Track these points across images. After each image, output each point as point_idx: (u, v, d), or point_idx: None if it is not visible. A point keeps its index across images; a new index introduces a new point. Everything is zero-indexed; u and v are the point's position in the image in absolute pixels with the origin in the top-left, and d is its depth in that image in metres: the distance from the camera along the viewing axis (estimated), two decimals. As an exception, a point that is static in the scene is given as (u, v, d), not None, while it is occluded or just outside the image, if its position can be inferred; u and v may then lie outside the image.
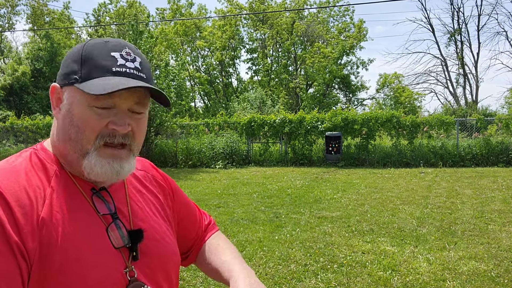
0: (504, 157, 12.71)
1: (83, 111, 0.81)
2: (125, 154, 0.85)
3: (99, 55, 0.83)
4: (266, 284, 3.58)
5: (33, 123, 16.48)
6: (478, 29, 30.31)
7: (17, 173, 0.80)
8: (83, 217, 0.82)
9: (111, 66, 0.82)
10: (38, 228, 0.75)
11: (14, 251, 0.71)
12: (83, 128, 0.81)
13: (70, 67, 0.84)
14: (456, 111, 24.81)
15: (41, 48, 26.84)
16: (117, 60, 0.83)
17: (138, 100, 0.85)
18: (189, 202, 1.14)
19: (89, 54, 0.83)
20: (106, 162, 0.83)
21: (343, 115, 13.86)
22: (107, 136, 0.82)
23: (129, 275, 0.83)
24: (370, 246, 4.62)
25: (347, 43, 31.01)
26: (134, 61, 0.85)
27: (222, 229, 5.35)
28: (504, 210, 6.31)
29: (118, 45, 0.85)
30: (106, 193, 0.88)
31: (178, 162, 14.16)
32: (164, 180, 1.07)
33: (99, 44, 0.85)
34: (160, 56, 16.85)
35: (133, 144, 0.86)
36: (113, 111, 0.82)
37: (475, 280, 3.61)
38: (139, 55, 0.87)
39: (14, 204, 0.75)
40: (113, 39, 0.88)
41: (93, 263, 0.78)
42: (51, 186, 0.82)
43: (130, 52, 0.85)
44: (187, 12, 35.38)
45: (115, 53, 0.84)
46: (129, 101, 0.83)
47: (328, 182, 9.76)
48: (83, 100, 0.81)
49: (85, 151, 0.82)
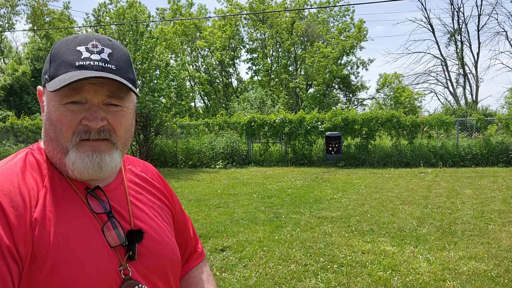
0: (504, 157, 12.71)
1: (57, 110, 0.81)
2: (105, 146, 0.84)
3: (66, 51, 0.82)
4: (266, 284, 3.58)
5: (33, 123, 16.49)
6: (478, 29, 30.32)
7: (12, 174, 0.80)
8: (77, 217, 0.81)
9: (75, 61, 0.81)
10: (31, 229, 0.75)
11: (5, 254, 0.71)
12: (59, 127, 0.81)
13: (44, 68, 0.85)
14: (456, 111, 24.80)
15: (41, 48, 26.83)
16: (81, 54, 0.81)
17: (110, 93, 0.83)
18: (185, 218, 1.13)
19: (57, 52, 0.83)
20: (85, 155, 0.82)
21: (343, 115, 13.86)
22: (82, 132, 0.81)
23: (123, 274, 0.82)
24: (370, 246, 4.62)
25: (347, 43, 31.00)
26: (101, 52, 0.83)
27: (222, 229, 5.36)
28: (504, 210, 6.31)
29: (85, 38, 0.84)
30: (101, 193, 0.87)
31: (178, 162, 14.17)
32: (165, 186, 1.07)
33: (67, 40, 0.84)
34: (160, 56, 16.85)
35: (114, 138, 0.85)
36: (86, 106, 0.81)
37: (475, 280, 3.61)
38: (110, 46, 0.85)
39: (7, 206, 0.74)
40: (85, 34, 0.87)
41: (86, 262, 0.77)
42: (44, 186, 0.81)
43: (97, 44, 0.83)
44: (186, 12, 35.38)
45: (80, 47, 0.82)
46: (99, 94, 0.82)
47: (328, 182, 9.76)
48: (55, 98, 0.81)
49: (66, 149, 0.82)
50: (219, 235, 5.12)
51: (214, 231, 5.29)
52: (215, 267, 3.99)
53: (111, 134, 0.84)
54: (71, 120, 0.81)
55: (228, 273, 3.85)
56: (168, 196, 1.05)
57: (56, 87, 0.77)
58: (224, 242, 4.80)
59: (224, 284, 3.61)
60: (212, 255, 4.35)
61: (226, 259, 4.22)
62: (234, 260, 4.20)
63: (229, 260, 4.21)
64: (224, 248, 4.59)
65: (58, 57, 0.82)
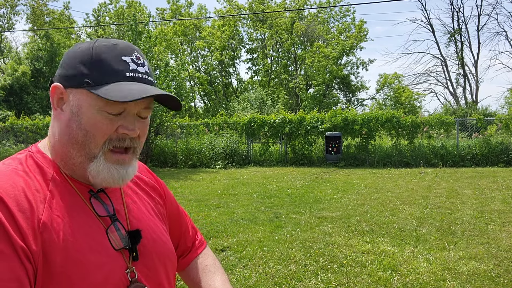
0: (504, 157, 12.71)
1: (93, 115, 0.80)
2: (130, 158, 0.86)
3: (110, 58, 0.81)
4: (266, 284, 3.58)
5: (33, 123, 16.48)
6: (478, 29, 30.33)
7: (14, 177, 0.79)
8: (83, 220, 0.81)
9: (124, 71, 0.81)
10: (39, 232, 0.75)
11: (20, 255, 0.71)
12: (93, 132, 0.80)
13: (78, 69, 0.81)
14: (456, 111, 24.81)
15: (41, 48, 26.81)
16: (129, 65, 0.82)
17: (147, 105, 0.85)
18: (179, 210, 1.14)
19: (98, 57, 0.81)
20: (114, 167, 0.83)
21: (343, 115, 13.86)
22: (117, 140, 0.82)
23: (130, 276, 0.83)
24: (370, 246, 4.62)
25: (347, 43, 31.01)
26: (143, 65, 0.84)
27: (222, 229, 5.36)
28: (504, 210, 6.31)
29: (127, 48, 0.84)
30: (104, 195, 0.88)
31: (178, 162, 14.16)
32: (157, 182, 1.07)
33: (108, 47, 0.82)
34: (159, 56, 16.84)
35: (138, 147, 0.87)
36: (122, 115, 0.82)
37: (475, 280, 3.61)
38: (146, 59, 0.87)
39: (14, 209, 0.74)
40: (121, 41, 0.86)
41: (94, 265, 0.78)
42: (49, 190, 0.81)
43: (139, 56, 0.85)
44: (186, 12, 35.38)
45: (125, 57, 0.82)
46: (138, 106, 0.83)
47: (328, 182, 9.76)
48: (94, 104, 0.80)
49: (92, 155, 0.82)
50: (219, 235, 5.12)
51: (214, 231, 5.29)
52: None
53: (138, 144, 0.86)
54: (109, 128, 0.81)
55: (228, 273, 3.85)
56: (161, 192, 1.06)
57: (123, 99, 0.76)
58: (224, 242, 4.80)
59: None
60: (212, 255, 4.35)
61: (226, 259, 4.22)
62: (234, 260, 4.20)
63: (229, 260, 4.21)
64: (224, 248, 4.59)
65: (104, 64, 0.80)
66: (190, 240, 1.15)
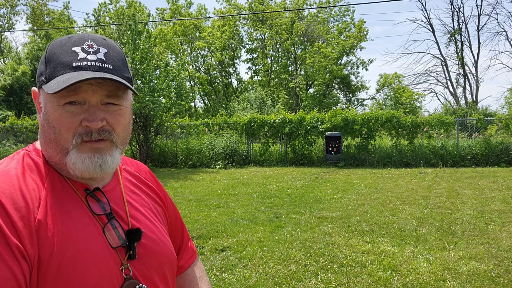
0: (504, 157, 12.71)
1: (56, 111, 0.81)
2: (106, 146, 0.84)
3: (61, 52, 0.82)
4: (266, 284, 3.58)
5: (33, 123, 16.48)
6: (478, 29, 30.32)
7: (11, 176, 0.80)
8: (79, 218, 0.81)
9: (72, 62, 0.80)
10: (35, 230, 0.75)
11: (15, 253, 0.71)
12: (59, 128, 0.81)
13: (39, 69, 0.84)
14: (456, 111, 24.81)
15: (41, 48, 26.83)
16: (77, 55, 0.81)
17: (108, 92, 0.82)
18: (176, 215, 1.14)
19: (52, 53, 0.82)
20: (87, 156, 0.82)
21: (343, 115, 13.86)
22: (84, 134, 0.81)
23: (124, 273, 0.83)
24: (370, 246, 4.62)
25: (347, 43, 31.00)
26: (96, 52, 0.82)
27: (222, 229, 5.36)
28: (504, 210, 6.31)
29: (80, 38, 0.84)
30: (100, 194, 0.88)
31: (178, 162, 14.17)
32: (158, 185, 1.08)
33: (61, 41, 0.84)
34: (159, 56, 16.84)
35: (114, 137, 0.85)
36: (85, 107, 0.81)
37: (475, 280, 3.61)
38: (106, 46, 0.85)
39: (10, 208, 0.74)
40: (79, 33, 0.86)
41: (89, 263, 0.78)
42: (45, 188, 0.81)
43: (92, 44, 0.83)
44: (185, 12, 35.37)
45: (76, 47, 0.82)
46: (98, 94, 0.81)
47: (328, 182, 9.76)
48: (53, 100, 0.81)
49: (66, 150, 0.82)
50: (219, 235, 5.12)
51: (214, 231, 5.29)
52: (215, 267, 3.99)
53: (111, 134, 0.84)
54: (71, 122, 0.80)
55: (228, 273, 3.85)
56: (162, 196, 1.06)
57: (56, 89, 0.76)
58: (224, 242, 4.80)
59: (224, 284, 3.61)
60: (212, 255, 4.35)
61: (226, 259, 4.22)
62: (234, 260, 4.20)
63: (229, 260, 4.21)
64: (224, 248, 4.59)
65: (54, 59, 0.81)
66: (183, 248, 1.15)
